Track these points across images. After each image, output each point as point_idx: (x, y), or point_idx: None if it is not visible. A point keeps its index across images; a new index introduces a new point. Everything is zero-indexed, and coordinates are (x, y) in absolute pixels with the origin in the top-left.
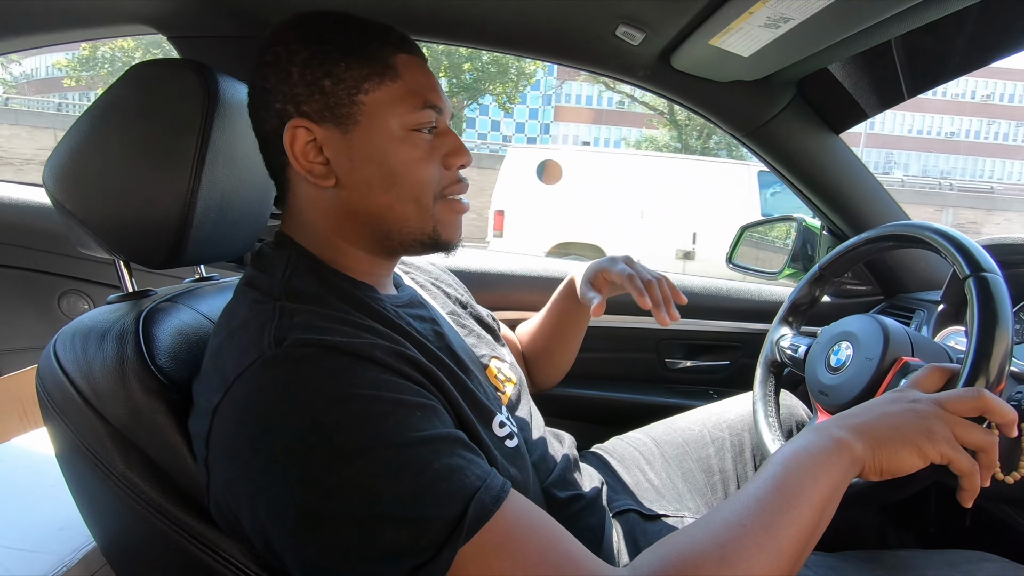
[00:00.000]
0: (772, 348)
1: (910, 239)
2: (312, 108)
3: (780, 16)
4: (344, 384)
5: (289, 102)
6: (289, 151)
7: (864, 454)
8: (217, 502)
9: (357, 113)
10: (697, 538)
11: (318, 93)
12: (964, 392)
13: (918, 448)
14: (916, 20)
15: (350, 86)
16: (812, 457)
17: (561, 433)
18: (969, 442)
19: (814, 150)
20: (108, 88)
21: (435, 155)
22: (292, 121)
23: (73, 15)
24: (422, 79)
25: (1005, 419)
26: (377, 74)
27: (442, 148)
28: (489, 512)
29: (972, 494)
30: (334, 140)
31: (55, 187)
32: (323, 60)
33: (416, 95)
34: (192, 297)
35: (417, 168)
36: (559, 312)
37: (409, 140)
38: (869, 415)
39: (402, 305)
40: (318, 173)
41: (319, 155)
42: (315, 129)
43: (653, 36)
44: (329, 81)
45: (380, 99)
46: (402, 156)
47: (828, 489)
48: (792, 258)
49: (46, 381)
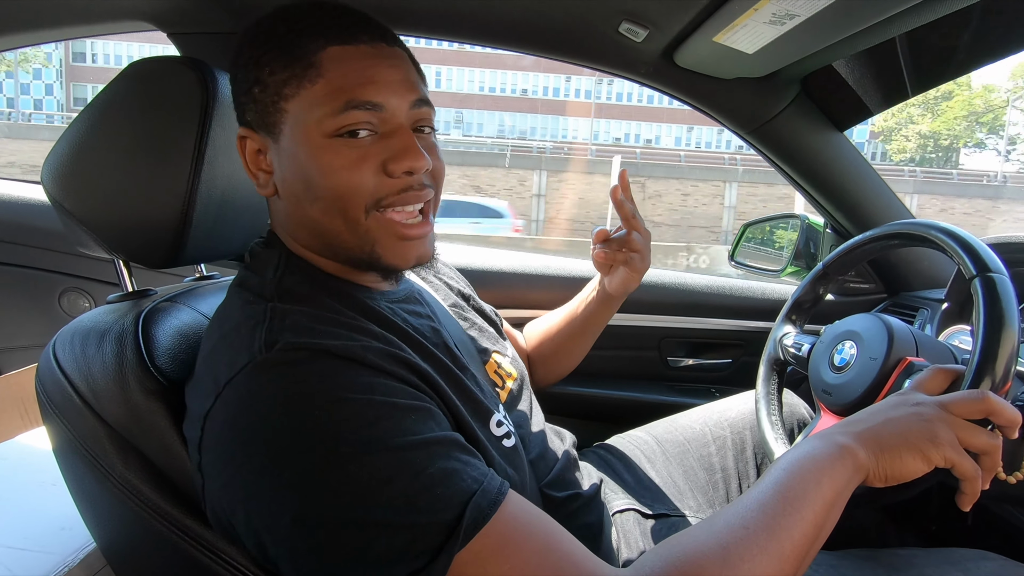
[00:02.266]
0: (775, 346)
1: (916, 238)
2: (251, 117)
3: (785, 12)
4: (336, 388)
5: (238, 109)
6: (242, 158)
7: (868, 461)
8: (212, 507)
9: (281, 121)
10: (700, 540)
11: (251, 102)
12: (968, 394)
13: (922, 453)
14: (921, 17)
15: (272, 92)
16: (817, 463)
17: (562, 431)
18: (973, 446)
19: (818, 147)
20: (106, 86)
21: (370, 162)
22: (239, 130)
23: (73, 11)
24: (352, 74)
25: (1010, 421)
26: (297, 76)
27: (382, 153)
28: (486, 515)
29: (972, 498)
30: (271, 149)
31: (53, 186)
32: (254, 65)
33: (339, 95)
34: (192, 296)
35: (336, 177)
36: (586, 312)
37: (330, 148)
38: (873, 421)
39: (398, 301)
40: (261, 182)
41: (269, 164)
42: (255, 138)
43: (656, 33)
44: (258, 88)
45: (300, 104)
46: (321, 164)
47: (832, 495)
48: (795, 256)
49: (45, 382)
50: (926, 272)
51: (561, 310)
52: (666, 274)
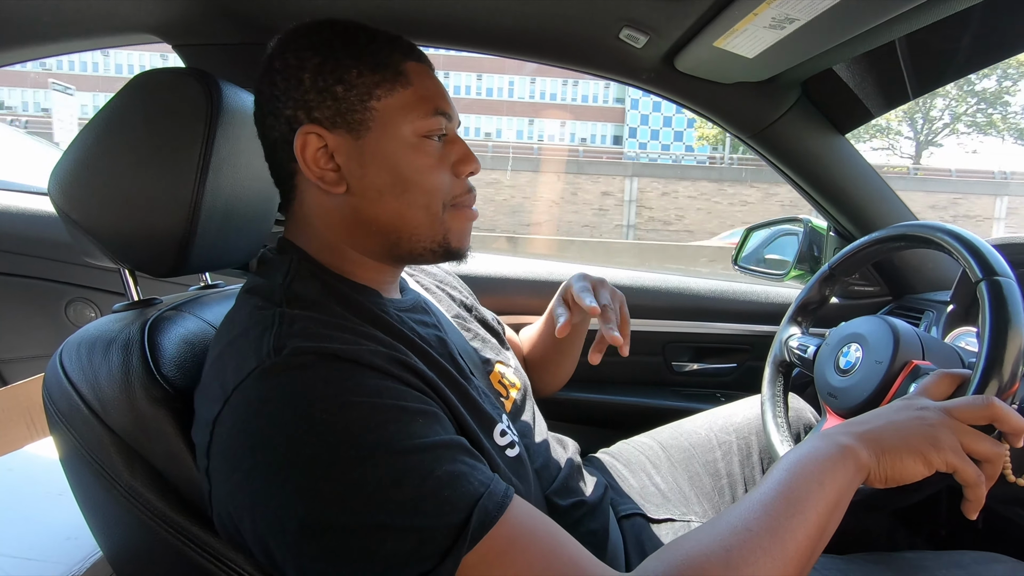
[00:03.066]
0: (781, 348)
1: (922, 240)
2: (324, 114)
3: (785, 17)
4: (344, 392)
5: (300, 108)
6: (300, 157)
7: (869, 461)
8: (219, 513)
9: (369, 119)
10: (703, 542)
11: (330, 99)
12: (973, 400)
13: (923, 456)
14: (921, 20)
15: (362, 92)
16: (818, 463)
17: (564, 439)
18: (976, 452)
19: (820, 151)
20: (112, 97)
21: (445, 163)
22: (303, 127)
23: (79, 25)
24: (432, 86)
25: (1014, 428)
26: (389, 80)
27: (451, 156)
28: (493, 518)
29: (977, 505)
30: (346, 146)
31: (60, 197)
32: (335, 66)
33: (427, 102)
34: (197, 305)
35: (428, 175)
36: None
37: (420, 147)
38: (876, 422)
39: (406, 310)
40: (329, 180)
41: (330, 162)
42: (326, 135)
43: (657, 39)
44: (341, 87)
45: (392, 105)
46: (414, 163)
47: (834, 495)
48: (799, 260)
49: (52, 391)
50: (931, 274)
51: (540, 320)
52: (670, 279)
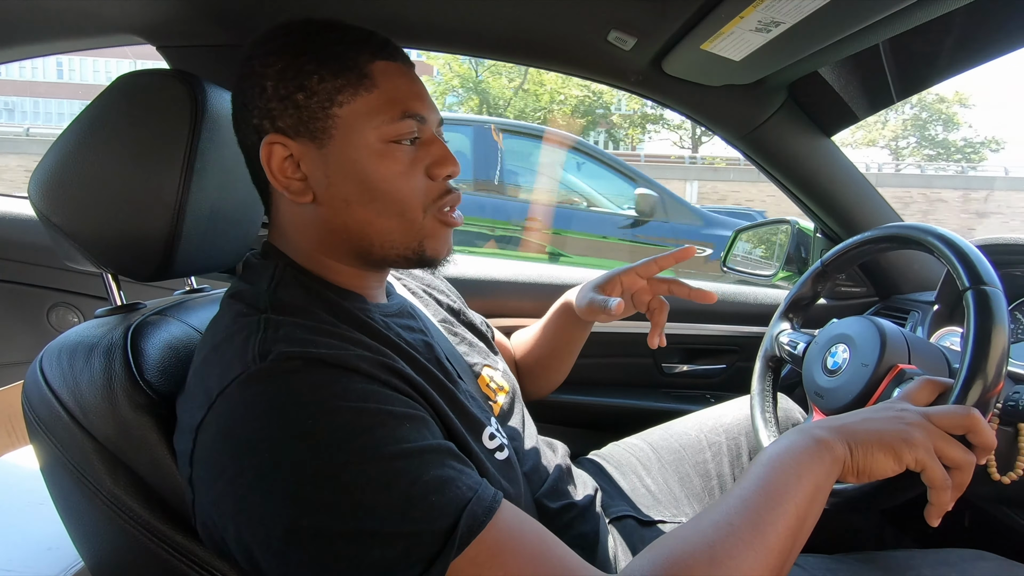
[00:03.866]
0: (772, 343)
1: (913, 242)
2: (287, 123)
3: (771, 20)
4: (330, 397)
5: (265, 117)
6: (266, 167)
7: (843, 454)
8: (203, 521)
9: (331, 127)
10: (687, 539)
11: (292, 107)
12: (955, 409)
13: (894, 451)
14: (904, 23)
15: (323, 99)
16: (795, 457)
17: (554, 442)
18: (947, 456)
19: (806, 153)
20: (95, 99)
21: (418, 167)
22: (268, 137)
23: (62, 26)
24: (403, 87)
25: (985, 443)
26: (352, 84)
27: (426, 159)
28: (481, 523)
29: (940, 510)
30: (310, 155)
31: (41, 200)
32: (296, 72)
33: (394, 105)
34: (182, 310)
35: (397, 182)
36: (557, 330)
37: (388, 153)
38: (853, 418)
39: (391, 315)
40: (295, 189)
41: (297, 171)
42: (291, 144)
43: (645, 41)
44: (302, 95)
45: (355, 111)
46: (381, 171)
47: (811, 487)
48: (786, 261)
49: (32, 398)
50: (917, 275)
51: (537, 325)
52: None
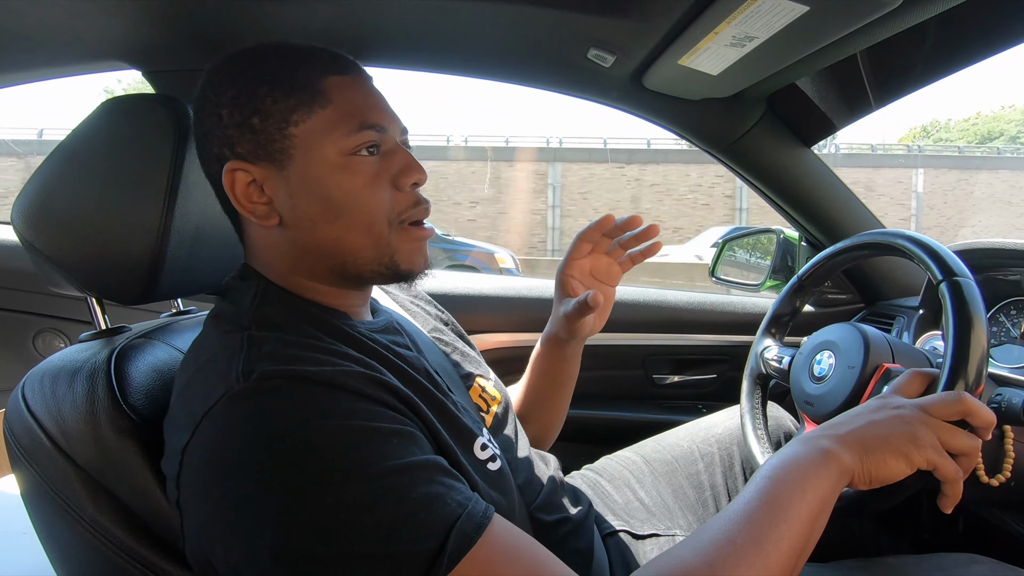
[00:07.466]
0: (757, 360)
1: (885, 247)
2: (246, 148)
3: (745, 35)
4: (315, 415)
5: (224, 145)
6: (231, 194)
7: (853, 464)
8: (190, 545)
9: (290, 147)
10: (686, 559)
11: (248, 132)
12: (946, 396)
13: (905, 455)
14: (876, 35)
15: (279, 120)
16: (800, 469)
17: (546, 455)
18: (954, 447)
19: (787, 163)
20: (79, 124)
21: (383, 177)
22: (229, 164)
23: (47, 54)
24: (357, 99)
25: (984, 422)
26: (305, 103)
27: (391, 168)
28: (471, 540)
29: (954, 500)
30: (272, 178)
31: (23, 225)
32: (249, 97)
33: (351, 117)
34: (168, 332)
35: (362, 195)
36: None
37: (349, 166)
38: (855, 424)
39: (378, 331)
40: (261, 213)
41: (261, 195)
42: (252, 169)
43: (624, 58)
44: (257, 118)
45: (312, 128)
46: (344, 185)
47: (818, 501)
48: (773, 270)
49: (13, 425)
50: (900, 281)
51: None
52: (648, 292)
